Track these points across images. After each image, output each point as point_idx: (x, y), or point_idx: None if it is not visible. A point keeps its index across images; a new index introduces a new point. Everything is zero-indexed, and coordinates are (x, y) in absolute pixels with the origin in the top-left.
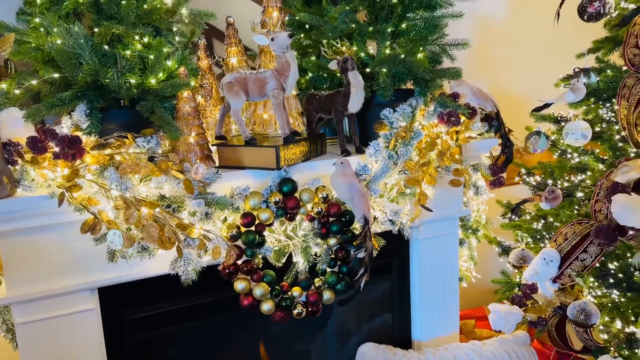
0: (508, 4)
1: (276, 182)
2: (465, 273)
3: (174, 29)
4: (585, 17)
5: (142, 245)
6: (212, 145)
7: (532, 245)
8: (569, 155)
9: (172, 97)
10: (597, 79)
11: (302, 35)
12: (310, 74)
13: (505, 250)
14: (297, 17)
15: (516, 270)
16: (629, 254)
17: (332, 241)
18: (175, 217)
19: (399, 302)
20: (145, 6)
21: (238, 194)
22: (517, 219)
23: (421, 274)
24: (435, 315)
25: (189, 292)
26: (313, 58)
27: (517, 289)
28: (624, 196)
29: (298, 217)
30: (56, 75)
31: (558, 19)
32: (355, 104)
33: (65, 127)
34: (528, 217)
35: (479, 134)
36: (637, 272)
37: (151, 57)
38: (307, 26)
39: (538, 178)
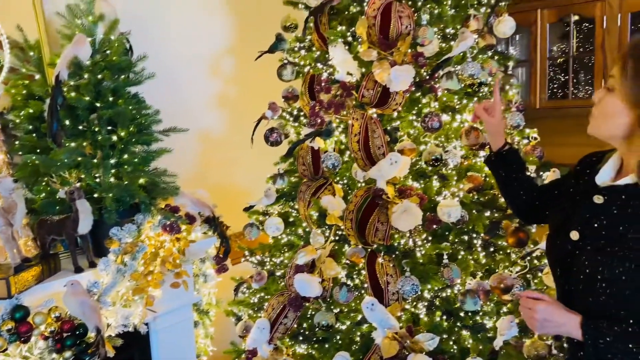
0: (225, 119)
1: (8, 310)
2: (203, 348)
3: None
4: (269, 143)
5: None
6: None
7: (254, 316)
8: (279, 236)
9: None
10: (284, 184)
11: (34, 157)
12: (43, 196)
13: (240, 319)
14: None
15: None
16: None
17: (68, 354)
18: None
19: None
20: None
21: None
22: (240, 296)
23: (162, 359)
24: None
25: None
26: (44, 183)
27: (243, 355)
28: (302, 275)
29: (33, 338)
30: None
31: (252, 142)
32: (84, 227)
33: None
34: (247, 293)
35: (204, 233)
36: (318, 328)
37: None
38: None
39: (259, 257)
